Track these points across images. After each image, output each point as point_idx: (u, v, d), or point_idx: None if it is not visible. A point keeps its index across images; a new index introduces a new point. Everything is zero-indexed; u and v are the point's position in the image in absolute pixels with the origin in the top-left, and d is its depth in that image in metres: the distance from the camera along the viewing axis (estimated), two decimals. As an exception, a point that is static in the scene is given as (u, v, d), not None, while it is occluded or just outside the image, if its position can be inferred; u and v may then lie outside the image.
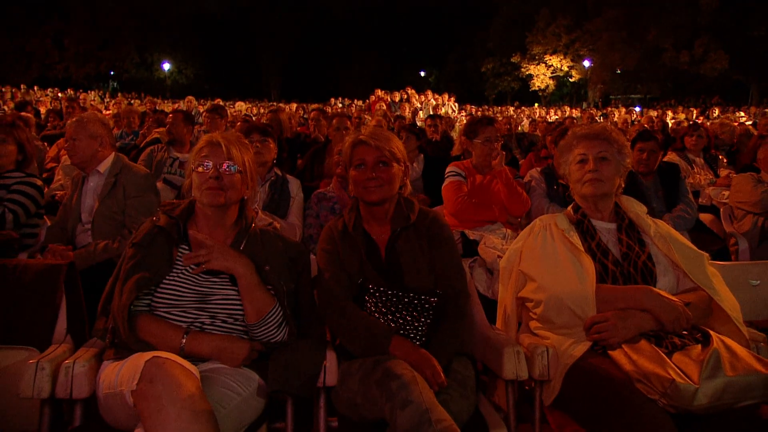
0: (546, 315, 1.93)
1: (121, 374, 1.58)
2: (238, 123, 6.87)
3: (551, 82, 37.70)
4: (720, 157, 5.37)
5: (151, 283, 1.77)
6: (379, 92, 18.92)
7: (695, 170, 5.21)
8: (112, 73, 53.70)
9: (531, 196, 3.64)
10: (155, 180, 3.46)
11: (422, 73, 59.36)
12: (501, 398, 1.96)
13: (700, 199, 4.93)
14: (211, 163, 1.83)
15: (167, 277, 1.80)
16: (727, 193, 4.83)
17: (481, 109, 34.36)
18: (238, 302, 1.79)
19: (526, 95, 42.24)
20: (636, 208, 2.14)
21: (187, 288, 1.80)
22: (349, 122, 5.00)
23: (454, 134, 11.13)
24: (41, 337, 1.96)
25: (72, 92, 32.86)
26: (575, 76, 35.67)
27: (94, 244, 3.02)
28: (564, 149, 2.19)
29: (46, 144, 7.38)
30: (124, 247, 2.91)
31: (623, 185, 2.13)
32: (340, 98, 45.33)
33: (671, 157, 5.29)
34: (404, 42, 56.81)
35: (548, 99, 39.75)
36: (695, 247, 2.08)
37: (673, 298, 1.83)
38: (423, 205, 4.39)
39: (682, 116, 22.04)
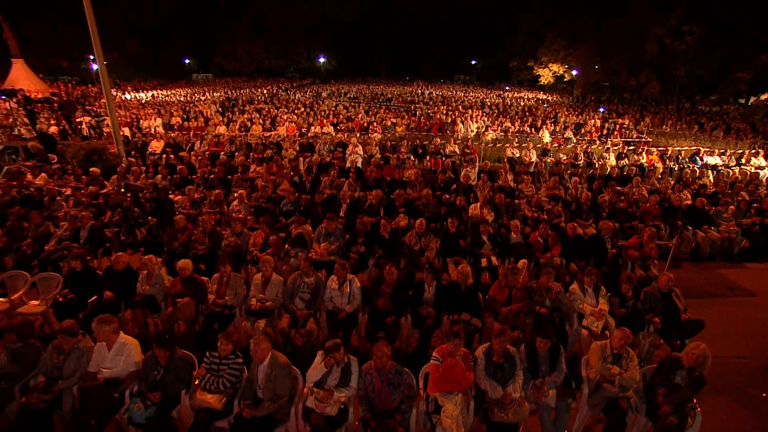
0: None
1: None
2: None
3: (552, 79, 34.36)
4: (603, 289, 5.12)
5: None
6: (439, 114, 18.07)
7: (586, 297, 4.90)
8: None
9: (475, 370, 3.72)
10: (292, 369, 3.75)
11: (473, 62, 56.51)
12: None
13: (583, 321, 4.77)
14: None
15: None
16: (596, 323, 4.79)
17: (505, 95, 32.52)
18: None
19: (535, 85, 39.19)
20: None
21: None
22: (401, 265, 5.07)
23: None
24: None
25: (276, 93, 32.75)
26: (567, 78, 32.32)
27: (263, 403, 3.46)
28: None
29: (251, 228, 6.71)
30: (277, 404, 3.54)
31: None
32: (421, 83, 43.76)
33: (573, 287, 5.01)
34: (462, 40, 55.05)
35: (548, 87, 36.62)
36: None
37: None
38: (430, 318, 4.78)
39: (626, 121, 19.96)
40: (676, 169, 12.24)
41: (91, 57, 10.82)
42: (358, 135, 16.01)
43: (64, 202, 8.01)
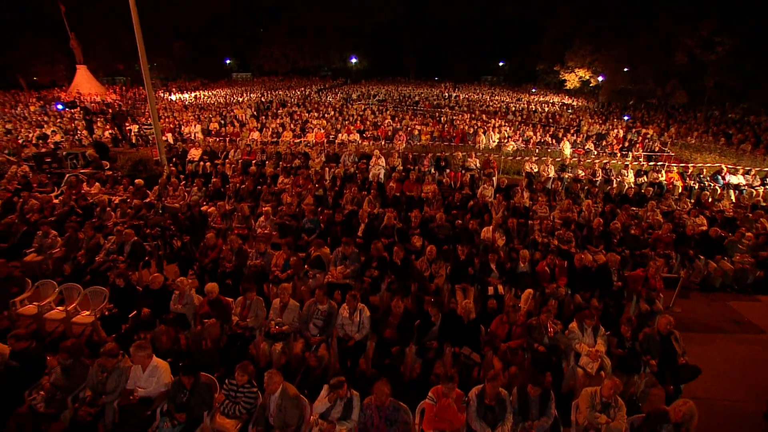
0: None
1: None
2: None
3: (578, 83, 33.07)
4: (602, 329, 5.10)
5: None
6: (462, 124, 17.86)
7: (584, 337, 4.86)
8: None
9: (467, 411, 3.83)
10: (300, 399, 3.94)
11: (501, 64, 55.11)
12: None
13: (580, 361, 4.75)
14: None
15: None
16: (591, 364, 4.78)
17: (531, 97, 31.65)
18: None
19: (561, 88, 37.74)
20: None
21: None
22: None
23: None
24: None
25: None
26: (593, 83, 31.00)
27: (273, 431, 3.72)
28: None
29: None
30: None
31: None
32: (449, 85, 43.16)
33: (573, 325, 4.99)
34: (490, 42, 53.29)
35: (574, 91, 35.25)
36: None
37: None
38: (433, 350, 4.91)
39: (651, 131, 19.09)
40: (696, 187, 11.71)
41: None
42: (383, 142, 16.12)
43: (113, 212, 8.55)
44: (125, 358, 4.36)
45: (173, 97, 29.02)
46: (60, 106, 15.65)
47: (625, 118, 21.94)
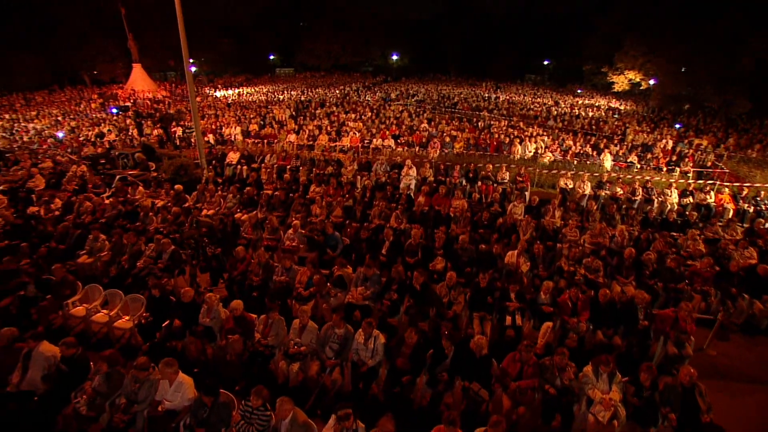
0: None
1: None
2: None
3: (627, 86, 31.25)
4: (618, 375, 4.93)
5: None
6: (498, 133, 17.48)
7: (598, 382, 4.70)
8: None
9: None
10: (309, 426, 4.11)
11: (546, 62, 53.28)
12: None
13: (592, 407, 4.62)
14: None
15: None
16: (604, 413, 4.65)
17: (577, 99, 30.36)
18: None
19: (608, 90, 35.84)
20: None
21: None
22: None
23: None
24: None
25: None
26: (644, 86, 29.17)
27: None
28: None
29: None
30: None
31: None
32: (490, 84, 42.24)
33: (587, 369, 4.84)
34: (536, 40, 51.57)
35: (623, 93, 33.34)
36: None
37: None
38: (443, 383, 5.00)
39: (705, 142, 17.82)
40: (751, 211, 10.86)
41: (192, 60, 12.08)
42: (416, 149, 16.13)
43: (155, 216, 9.19)
44: (155, 371, 4.76)
45: (218, 94, 30.32)
46: (114, 110, 16.95)
47: (677, 126, 20.57)
